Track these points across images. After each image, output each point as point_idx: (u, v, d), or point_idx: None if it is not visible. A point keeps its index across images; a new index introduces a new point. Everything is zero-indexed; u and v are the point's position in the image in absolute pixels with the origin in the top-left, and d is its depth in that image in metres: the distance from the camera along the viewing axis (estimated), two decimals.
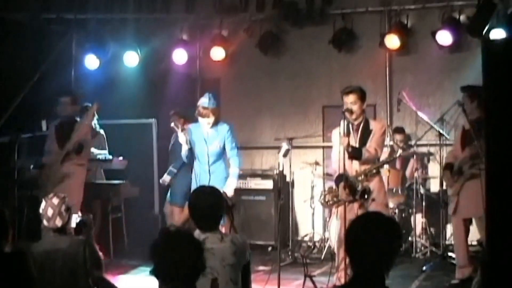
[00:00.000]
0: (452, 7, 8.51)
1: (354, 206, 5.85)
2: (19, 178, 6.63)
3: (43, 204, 4.44)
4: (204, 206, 3.85)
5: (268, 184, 8.83)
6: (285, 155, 6.71)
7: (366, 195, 5.82)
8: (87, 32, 9.13)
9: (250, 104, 9.74)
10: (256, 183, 8.90)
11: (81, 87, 8.82)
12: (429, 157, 8.52)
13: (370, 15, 9.10)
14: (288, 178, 8.50)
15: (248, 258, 3.95)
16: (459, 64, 8.58)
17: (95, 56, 9.14)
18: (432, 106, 8.81)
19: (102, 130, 8.38)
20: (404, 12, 8.89)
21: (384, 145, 6.72)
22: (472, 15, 8.24)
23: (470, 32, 8.30)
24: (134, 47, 9.17)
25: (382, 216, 3.01)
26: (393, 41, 8.75)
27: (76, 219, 4.68)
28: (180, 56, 9.37)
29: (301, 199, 8.96)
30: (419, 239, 8.06)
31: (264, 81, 9.68)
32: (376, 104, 9.12)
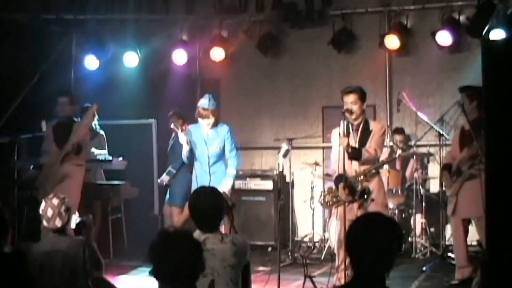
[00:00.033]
0: (451, 7, 8.52)
1: (353, 207, 5.85)
2: (19, 178, 6.63)
3: (43, 205, 4.44)
4: (205, 206, 3.85)
5: (268, 184, 8.83)
6: (285, 156, 6.71)
7: (365, 196, 5.82)
8: (87, 32, 9.12)
9: (250, 104, 9.73)
10: (256, 183, 8.90)
11: (81, 87, 8.82)
12: (429, 157, 8.50)
13: (369, 15, 9.10)
14: (288, 179, 8.50)
15: (249, 258, 3.95)
16: (459, 65, 8.57)
17: (95, 56, 9.13)
18: (432, 106, 8.80)
19: (102, 131, 8.38)
20: (404, 13, 8.89)
21: (384, 145, 6.71)
22: (471, 16, 8.25)
23: (469, 32, 8.30)
24: (134, 47, 9.16)
25: (383, 216, 3.02)
26: (392, 41, 8.75)
27: (75, 219, 4.68)
28: (180, 56, 9.36)
29: (301, 200, 8.95)
30: (419, 239, 8.06)
31: (264, 81, 9.68)
32: (376, 104, 9.11)
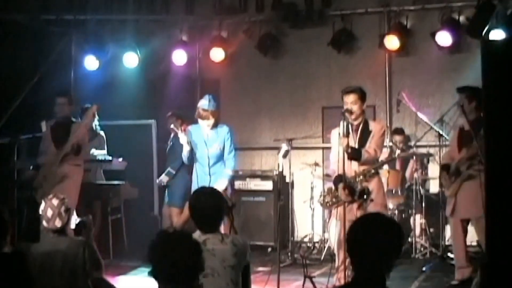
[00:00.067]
0: (451, 8, 8.52)
1: (353, 207, 5.84)
2: (18, 179, 6.63)
3: (42, 205, 4.44)
4: (205, 207, 3.85)
5: (267, 185, 8.82)
6: (284, 156, 6.71)
7: (365, 196, 5.81)
8: (87, 33, 9.12)
9: (250, 105, 9.74)
10: (255, 184, 8.89)
11: (80, 88, 8.82)
12: (428, 158, 8.49)
13: (369, 16, 9.10)
14: (287, 179, 8.49)
15: (249, 259, 3.95)
16: (459, 65, 8.57)
17: (94, 57, 9.12)
18: (432, 107, 8.80)
19: (102, 131, 8.38)
20: (404, 13, 8.89)
21: (384, 146, 6.71)
22: (471, 16, 8.24)
23: (469, 33, 8.30)
24: (133, 48, 9.16)
25: (383, 217, 3.02)
26: (392, 42, 8.75)
27: (75, 220, 4.68)
28: (179, 57, 9.36)
29: (300, 200, 8.94)
30: (418, 239, 8.06)
31: (264, 82, 9.68)
32: (376, 105, 9.11)
